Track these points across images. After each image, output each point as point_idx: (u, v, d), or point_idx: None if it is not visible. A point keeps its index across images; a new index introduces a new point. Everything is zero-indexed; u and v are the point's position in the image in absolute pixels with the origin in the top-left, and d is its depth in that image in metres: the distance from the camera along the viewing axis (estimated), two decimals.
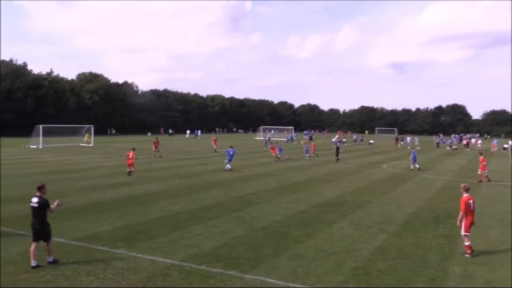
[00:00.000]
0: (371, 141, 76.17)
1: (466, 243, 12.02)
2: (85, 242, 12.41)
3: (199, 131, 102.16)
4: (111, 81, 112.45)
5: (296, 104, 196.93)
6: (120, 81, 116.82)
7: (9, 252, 11.39)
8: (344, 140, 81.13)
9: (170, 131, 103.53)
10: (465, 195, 12.31)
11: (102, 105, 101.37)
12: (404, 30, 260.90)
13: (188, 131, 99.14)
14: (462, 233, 12.14)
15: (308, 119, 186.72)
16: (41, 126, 54.59)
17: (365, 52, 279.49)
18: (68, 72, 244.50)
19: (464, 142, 74.47)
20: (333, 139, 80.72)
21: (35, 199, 10.75)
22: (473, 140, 75.86)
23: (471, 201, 12.21)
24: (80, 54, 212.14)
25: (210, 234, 13.74)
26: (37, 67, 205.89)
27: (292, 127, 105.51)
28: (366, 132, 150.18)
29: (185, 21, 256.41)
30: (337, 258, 11.62)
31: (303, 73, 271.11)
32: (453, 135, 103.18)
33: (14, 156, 39.62)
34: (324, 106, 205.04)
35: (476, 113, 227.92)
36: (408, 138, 76.20)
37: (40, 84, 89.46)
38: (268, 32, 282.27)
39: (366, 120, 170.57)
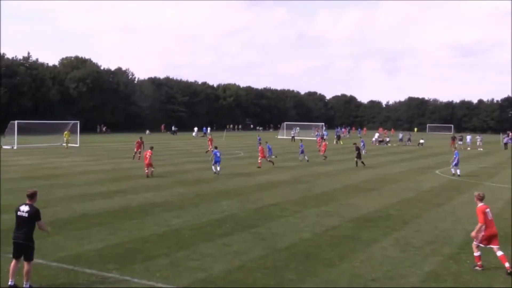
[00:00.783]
0: (421, 141, 75.48)
1: (476, 254, 13.09)
2: (69, 264, 12.56)
3: (208, 128, 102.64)
4: (102, 68, 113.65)
5: (328, 95, 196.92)
6: (113, 68, 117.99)
7: None
8: (387, 139, 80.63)
9: (173, 128, 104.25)
10: (480, 204, 13.13)
11: (91, 97, 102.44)
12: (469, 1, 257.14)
13: (195, 129, 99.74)
14: (475, 243, 13.07)
15: (343, 113, 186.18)
16: (16, 122, 55.42)
17: (415, 30, 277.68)
18: (50, 56, 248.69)
19: None
20: (374, 138, 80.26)
21: (25, 208, 10.92)
22: None
23: (488, 210, 13.06)
24: (64, 34, 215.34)
25: (221, 254, 13.80)
26: (11, 51, 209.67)
27: (323, 123, 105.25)
28: (415, 129, 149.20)
29: None
30: (378, 286, 11.55)
31: (336, 57, 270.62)
32: None
33: None
34: (363, 98, 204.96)
35: None
36: (468, 137, 75.22)
37: (15, 71, 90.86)
38: (294, 7, 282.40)
39: (415, 114, 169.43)
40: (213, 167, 32.71)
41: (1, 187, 24.37)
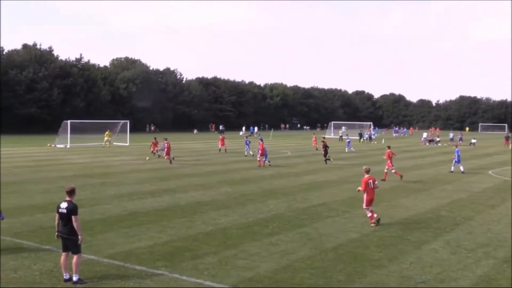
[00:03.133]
0: (473, 141, 73.66)
1: (368, 215, 17.76)
2: (120, 260, 12.84)
3: (255, 128, 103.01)
4: (150, 68, 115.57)
5: (376, 94, 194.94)
6: (161, 68, 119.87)
7: (31, 270, 11.96)
8: (437, 138, 79.12)
9: (220, 127, 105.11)
10: (366, 176, 18.17)
11: (140, 97, 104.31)
12: None
13: (243, 128, 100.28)
14: (364, 206, 17.92)
15: (391, 112, 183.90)
16: (69, 122, 57.02)
17: (468, 25, 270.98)
18: (101, 57, 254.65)
19: None
20: (423, 138, 78.87)
21: (63, 204, 11.29)
22: None
23: (370, 180, 18.12)
24: (114, 36, 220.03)
25: (268, 254, 13.82)
26: (64, 53, 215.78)
27: (371, 123, 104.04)
28: (467, 129, 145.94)
29: None
30: None
31: (385, 54, 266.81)
32: None
33: (37, 157, 41.64)
34: (412, 97, 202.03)
35: None
36: None
37: (68, 72, 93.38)
38: (338, 3, 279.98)
39: (467, 113, 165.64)
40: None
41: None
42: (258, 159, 37.48)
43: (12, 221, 16.77)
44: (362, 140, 79.19)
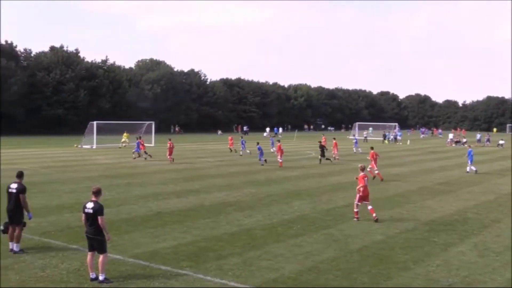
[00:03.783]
0: (501, 142, 72.53)
1: (355, 210, 18.85)
2: (145, 260, 12.95)
3: (279, 128, 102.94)
4: (175, 69, 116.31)
5: (401, 95, 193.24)
6: (186, 69, 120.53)
7: (59, 269, 12.14)
8: (464, 139, 78.10)
9: (244, 128, 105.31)
10: (362, 173, 19.10)
11: (165, 98, 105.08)
12: None
13: (267, 129, 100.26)
14: (356, 201, 18.90)
15: (417, 113, 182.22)
16: (95, 123, 57.67)
17: (497, 24, 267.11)
18: (126, 59, 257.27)
19: None
20: (449, 139, 77.92)
21: (90, 204, 11.45)
22: None
23: (366, 178, 19.10)
24: (139, 37, 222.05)
25: (292, 255, 13.81)
26: (90, 54, 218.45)
27: (396, 123, 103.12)
28: (494, 129, 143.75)
29: None
30: None
31: (411, 54, 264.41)
32: None
33: (64, 158, 42.19)
34: (438, 97, 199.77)
35: None
36: None
37: (94, 73, 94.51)
38: (364, 4, 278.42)
39: (494, 114, 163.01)
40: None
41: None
42: (280, 160, 37.59)
43: (40, 221, 17.05)
44: (386, 141, 78.63)
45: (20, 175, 14.06)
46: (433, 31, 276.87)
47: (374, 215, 18.50)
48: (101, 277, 11.21)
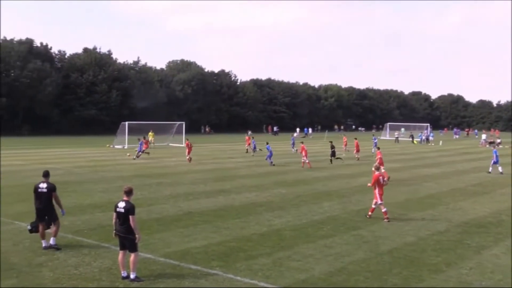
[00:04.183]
0: None
1: (383, 210, 18.58)
2: (175, 260, 13.04)
3: (309, 129, 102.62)
4: (205, 70, 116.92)
5: (434, 95, 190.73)
6: (216, 70, 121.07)
7: (91, 267, 12.32)
8: (498, 140, 76.63)
9: (275, 128, 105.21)
10: (376, 173, 18.97)
11: (195, 98, 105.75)
12: None
13: (297, 129, 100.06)
14: (379, 202, 18.63)
15: (450, 113, 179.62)
16: (126, 123, 58.37)
17: None
18: (157, 60, 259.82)
19: None
20: (482, 139, 76.57)
21: (121, 204, 11.59)
22: None
23: (381, 177, 18.79)
24: (170, 38, 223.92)
25: (322, 256, 13.75)
26: (122, 56, 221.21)
27: (428, 124, 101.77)
28: None
29: None
30: None
31: (443, 54, 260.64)
32: None
33: (97, 158, 42.81)
34: (471, 97, 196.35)
35: None
36: None
37: (126, 74, 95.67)
38: (394, 3, 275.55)
39: None
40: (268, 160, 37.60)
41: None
42: (305, 160, 37.51)
43: (73, 219, 17.35)
44: (415, 141, 77.61)
45: (46, 174, 14.36)
46: (466, 29, 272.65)
47: (370, 213, 19.03)
48: (132, 276, 11.34)
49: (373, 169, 19.77)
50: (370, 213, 19.00)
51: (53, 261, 12.68)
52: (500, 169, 35.42)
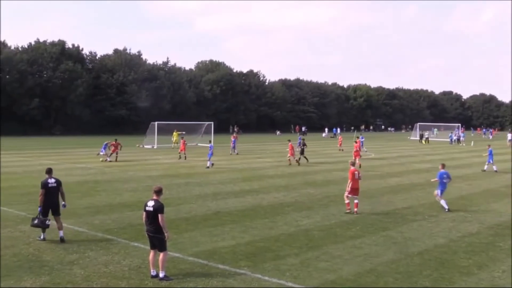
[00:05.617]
0: None
1: (346, 201, 19.88)
2: (204, 259, 13.11)
3: (338, 129, 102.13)
4: (234, 70, 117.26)
5: (465, 95, 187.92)
6: (245, 70, 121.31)
7: (121, 266, 12.47)
8: None
9: (303, 128, 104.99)
10: (352, 168, 20.26)
11: (224, 98, 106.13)
12: None
13: (326, 129, 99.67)
14: (346, 194, 19.96)
15: (482, 113, 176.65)
16: (156, 123, 58.82)
17: None
18: (186, 61, 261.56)
19: None
20: (508, 139, 74.94)
21: (151, 203, 11.70)
22: None
23: (356, 172, 20.11)
24: (199, 39, 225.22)
25: (351, 257, 13.66)
26: (152, 56, 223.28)
27: (459, 124, 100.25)
28: None
29: None
30: None
31: (475, 53, 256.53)
32: None
33: (127, 157, 43.24)
34: (505, 97, 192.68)
35: None
36: None
37: (155, 75, 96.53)
38: (426, 3, 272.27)
39: None
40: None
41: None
42: (290, 158, 38.56)
43: (103, 218, 17.59)
44: (423, 141, 75.63)
45: (49, 171, 15.16)
46: (498, 28, 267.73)
47: (356, 209, 19.68)
48: (161, 275, 11.43)
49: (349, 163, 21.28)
50: (356, 209, 19.76)
51: (84, 259, 12.86)
52: (494, 167, 36.02)
